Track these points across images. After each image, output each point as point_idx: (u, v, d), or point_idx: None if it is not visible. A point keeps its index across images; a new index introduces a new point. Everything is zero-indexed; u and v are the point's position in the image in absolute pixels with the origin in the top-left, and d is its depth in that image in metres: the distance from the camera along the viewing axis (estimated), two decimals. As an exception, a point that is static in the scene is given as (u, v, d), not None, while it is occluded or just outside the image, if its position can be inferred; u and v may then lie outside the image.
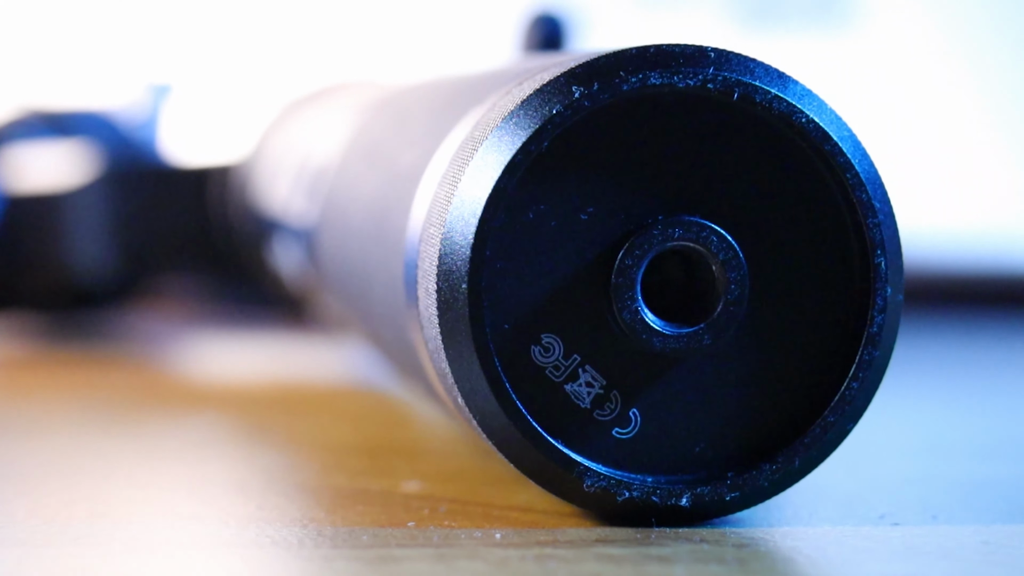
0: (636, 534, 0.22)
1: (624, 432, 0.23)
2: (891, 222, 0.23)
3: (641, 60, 0.22)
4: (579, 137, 0.22)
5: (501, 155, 0.22)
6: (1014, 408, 0.38)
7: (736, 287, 0.23)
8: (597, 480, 0.23)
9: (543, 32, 0.49)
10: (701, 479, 0.23)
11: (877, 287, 0.23)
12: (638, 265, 0.22)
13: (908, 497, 0.26)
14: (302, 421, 0.34)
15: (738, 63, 0.23)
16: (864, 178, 0.23)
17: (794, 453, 0.23)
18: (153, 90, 0.59)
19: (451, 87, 0.29)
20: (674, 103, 0.22)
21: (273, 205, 0.40)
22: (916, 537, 0.22)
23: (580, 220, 0.23)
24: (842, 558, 0.21)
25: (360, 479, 0.27)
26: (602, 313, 0.23)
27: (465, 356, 0.22)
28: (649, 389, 0.23)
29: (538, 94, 0.22)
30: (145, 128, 0.56)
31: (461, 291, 0.22)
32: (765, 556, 0.21)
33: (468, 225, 0.22)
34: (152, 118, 0.57)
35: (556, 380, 0.23)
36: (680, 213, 0.23)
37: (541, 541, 0.22)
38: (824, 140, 0.23)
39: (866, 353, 0.23)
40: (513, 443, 0.23)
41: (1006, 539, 0.22)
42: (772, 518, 0.23)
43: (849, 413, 0.23)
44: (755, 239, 0.23)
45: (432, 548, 0.21)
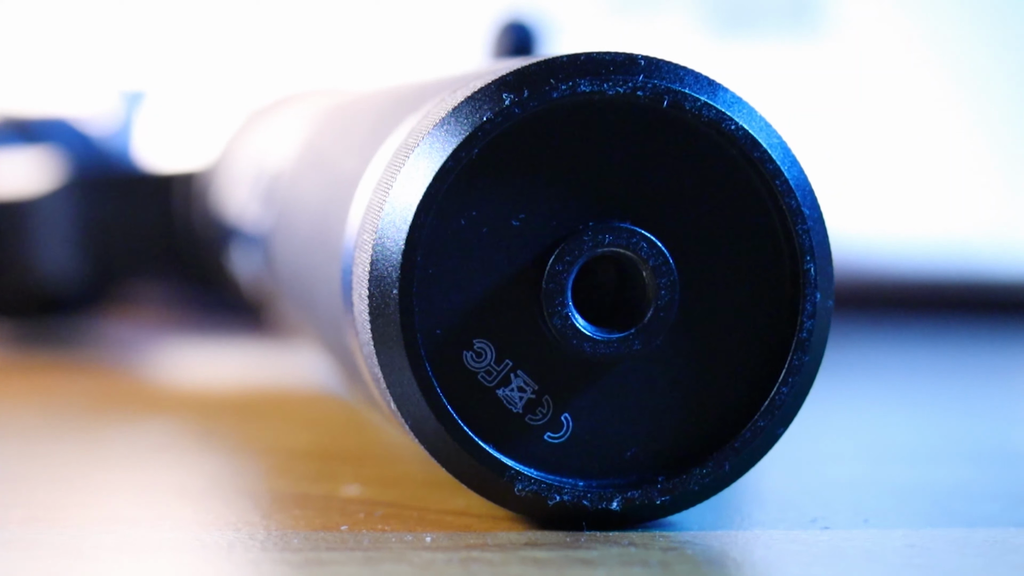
0: (566, 538, 0.22)
1: (556, 437, 0.23)
2: (821, 228, 0.23)
3: (571, 67, 0.23)
4: (510, 144, 0.23)
5: (432, 162, 0.22)
6: (958, 413, 0.38)
7: (666, 293, 0.23)
8: (528, 484, 0.23)
9: (513, 39, 0.49)
10: (632, 483, 0.23)
11: (807, 293, 0.23)
12: (568, 271, 0.23)
13: (842, 501, 0.26)
14: (255, 426, 0.34)
15: (668, 71, 0.23)
16: (793, 184, 0.23)
17: (724, 457, 0.23)
18: (126, 97, 0.59)
19: (394, 94, 0.29)
20: (604, 110, 0.23)
21: (232, 212, 0.41)
22: (844, 540, 0.22)
23: (512, 226, 0.23)
24: (767, 561, 0.22)
25: (302, 484, 0.27)
26: (533, 318, 0.23)
27: (396, 361, 0.22)
28: (581, 394, 0.23)
29: (469, 101, 0.23)
30: (117, 135, 0.56)
31: (392, 297, 0.22)
32: (691, 559, 0.21)
33: (399, 231, 0.22)
34: (125, 125, 0.58)
35: (488, 385, 0.23)
36: (611, 219, 0.23)
37: (470, 544, 0.22)
38: (753, 147, 0.23)
39: (796, 358, 0.23)
40: (445, 447, 0.23)
41: (931, 542, 0.22)
42: (705, 521, 0.24)
43: (779, 418, 0.23)
44: (686, 245, 0.23)
45: (361, 551, 0.21)
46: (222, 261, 0.43)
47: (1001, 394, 0.43)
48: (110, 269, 0.49)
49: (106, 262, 0.49)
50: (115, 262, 0.49)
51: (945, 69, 0.69)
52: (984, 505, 0.25)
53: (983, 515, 0.25)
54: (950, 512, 0.25)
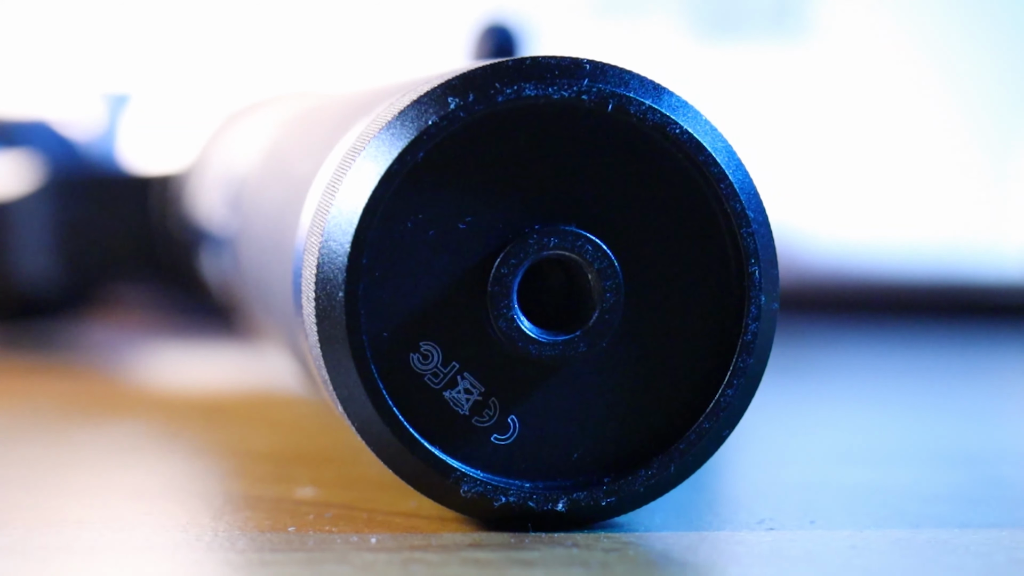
0: (511, 539, 0.22)
1: (503, 438, 0.23)
2: (765, 231, 0.23)
3: (516, 72, 0.23)
4: (456, 147, 0.23)
5: (378, 165, 0.23)
6: (922, 415, 0.38)
7: (611, 295, 0.23)
8: (474, 485, 0.23)
9: (494, 42, 0.49)
10: (578, 484, 0.23)
11: (751, 296, 0.23)
12: (514, 274, 0.23)
13: (792, 502, 0.26)
14: (221, 428, 0.34)
15: (613, 75, 0.23)
16: (738, 188, 0.23)
17: (670, 459, 0.23)
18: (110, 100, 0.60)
19: (352, 98, 0.29)
20: (549, 114, 0.23)
21: (202, 215, 0.41)
22: (788, 541, 0.23)
23: (458, 229, 0.23)
24: (709, 561, 0.22)
25: (257, 485, 0.27)
26: (480, 321, 0.23)
27: (343, 363, 0.23)
28: (527, 396, 0.23)
29: (415, 105, 0.23)
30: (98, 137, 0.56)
31: (338, 299, 0.22)
32: (632, 560, 0.21)
33: (345, 234, 0.23)
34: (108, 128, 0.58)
35: (435, 387, 0.23)
36: (556, 223, 0.23)
37: (414, 546, 0.22)
38: (698, 151, 0.23)
39: (740, 361, 0.23)
40: (391, 449, 0.23)
41: (874, 543, 0.22)
42: (653, 523, 0.24)
43: (724, 420, 0.23)
44: (631, 248, 0.23)
45: (304, 552, 0.22)
46: (195, 264, 0.44)
47: (967, 396, 0.43)
48: (87, 272, 0.49)
49: (84, 265, 0.49)
50: (93, 265, 0.49)
51: (928, 72, 0.69)
52: (934, 506, 0.26)
53: (932, 516, 0.25)
54: (900, 513, 0.25)
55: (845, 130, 0.70)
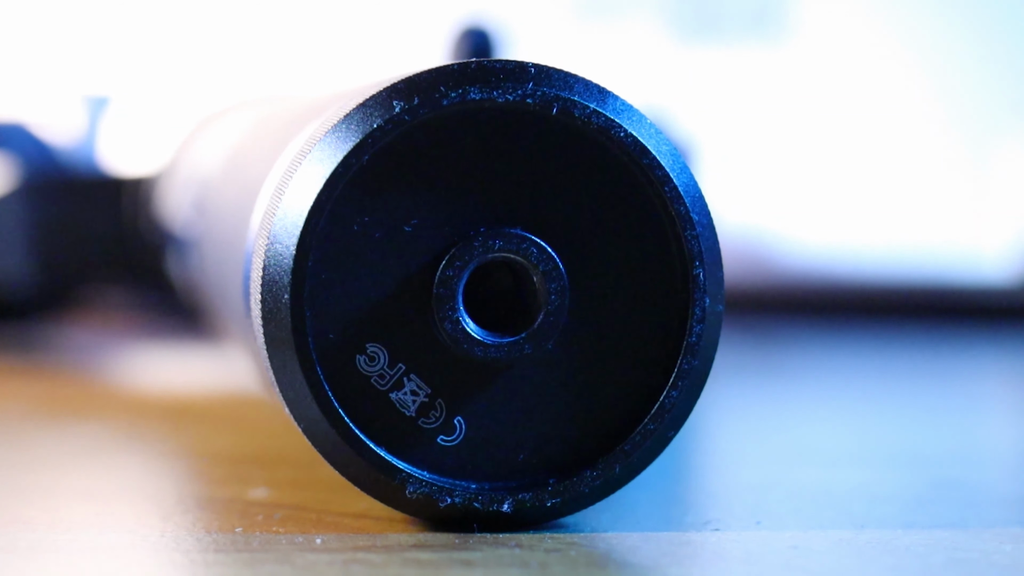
0: (455, 539, 0.23)
1: (449, 440, 0.23)
2: (710, 234, 0.23)
3: (462, 75, 0.23)
4: (401, 150, 0.23)
5: (323, 168, 0.23)
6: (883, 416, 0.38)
7: (556, 298, 0.23)
8: (419, 487, 0.23)
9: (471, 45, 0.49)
10: (524, 485, 0.23)
11: (696, 298, 0.23)
12: (459, 276, 0.23)
13: (740, 504, 0.26)
14: (184, 430, 0.34)
15: (558, 78, 0.23)
16: (682, 191, 0.23)
17: (615, 460, 0.23)
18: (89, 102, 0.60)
19: (307, 102, 0.29)
20: (495, 117, 0.23)
21: (170, 217, 0.41)
22: (731, 542, 0.23)
23: (404, 232, 0.23)
24: (648, 562, 0.22)
25: (212, 487, 0.27)
26: (426, 323, 0.23)
27: (288, 365, 0.23)
28: (473, 398, 0.23)
29: (361, 108, 0.23)
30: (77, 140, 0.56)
31: (283, 301, 0.23)
32: (572, 560, 0.21)
33: (290, 236, 0.23)
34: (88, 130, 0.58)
35: (381, 389, 0.23)
36: (502, 225, 0.23)
37: (358, 546, 0.22)
38: (642, 154, 0.23)
39: (685, 362, 0.23)
40: (337, 451, 0.23)
41: (816, 543, 0.23)
42: (600, 523, 0.24)
43: (669, 421, 0.23)
44: (577, 251, 0.23)
45: (248, 553, 0.22)
46: (164, 267, 0.44)
47: (934, 397, 0.44)
48: (61, 274, 0.49)
49: (58, 267, 0.49)
50: (67, 267, 0.50)
51: (907, 75, 0.70)
52: (882, 507, 0.26)
53: (878, 517, 0.25)
54: (847, 514, 0.25)
55: (824, 132, 0.70)
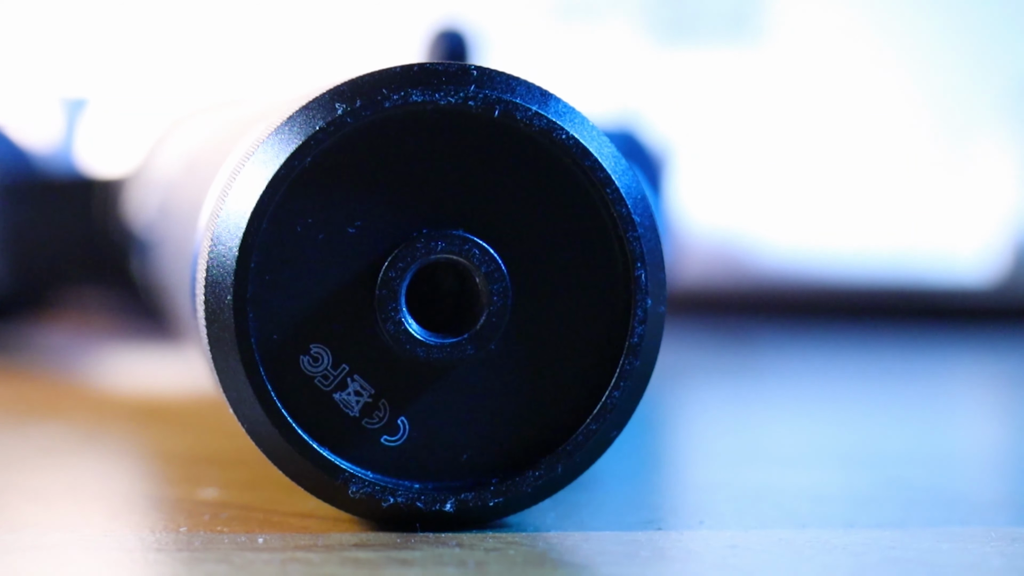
0: (397, 539, 0.23)
1: (393, 440, 0.23)
2: (652, 235, 0.24)
3: (404, 78, 0.23)
4: (344, 152, 0.23)
5: (265, 170, 0.23)
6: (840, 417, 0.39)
7: (498, 299, 0.23)
8: (362, 486, 0.23)
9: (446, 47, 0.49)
10: (466, 485, 0.23)
11: (638, 299, 0.23)
12: (401, 277, 0.23)
13: (687, 503, 0.26)
14: (145, 430, 0.35)
15: (500, 81, 0.23)
16: (624, 192, 0.23)
17: (557, 460, 0.23)
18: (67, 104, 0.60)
19: (263, 105, 0.29)
20: (437, 120, 0.23)
21: (137, 219, 0.41)
22: (670, 541, 0.23)
23: (347, 233, 0.23)
24: (585, 561, 0.22)
25: (163, 487, 0.27)
26: (369, 324, 0.23)
27: (231, 366, 0.23)
28: (417, 398, 0.23)
29: (303, 111, 0.23)
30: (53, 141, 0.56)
31: (226, 303, 0.23)
32: (510, 559, 0.22)
33: (233, 238, 0.23)
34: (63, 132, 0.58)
35: (325, 389, 0.23)
36: (444, 227, 0.23)
37: (299, 546, 0.22)
38: (584, 156, 0.23)
39: (627, 363, 0.24)
40: (280, 451, 0.23)
41: (756, 543, 0.23)
42: (544, 523, 0.24)
43: (611, 421, 0.24)
44: (519, 252, 0.23)
45: (188, 552, 0.22)
46: (132, 268, 0.44)
47: (897, 398, 0.44)
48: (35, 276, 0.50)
49: (31, 269, 0.49)
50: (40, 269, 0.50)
51: (882, 76, 0.70)
52: (827, 507, 0.26)
53: (821, 517, 0.25)
54: (790, 514, 0.25)
55: (800, 135, 0.70)
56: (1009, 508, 0.27)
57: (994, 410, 0.45)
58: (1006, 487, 0.30)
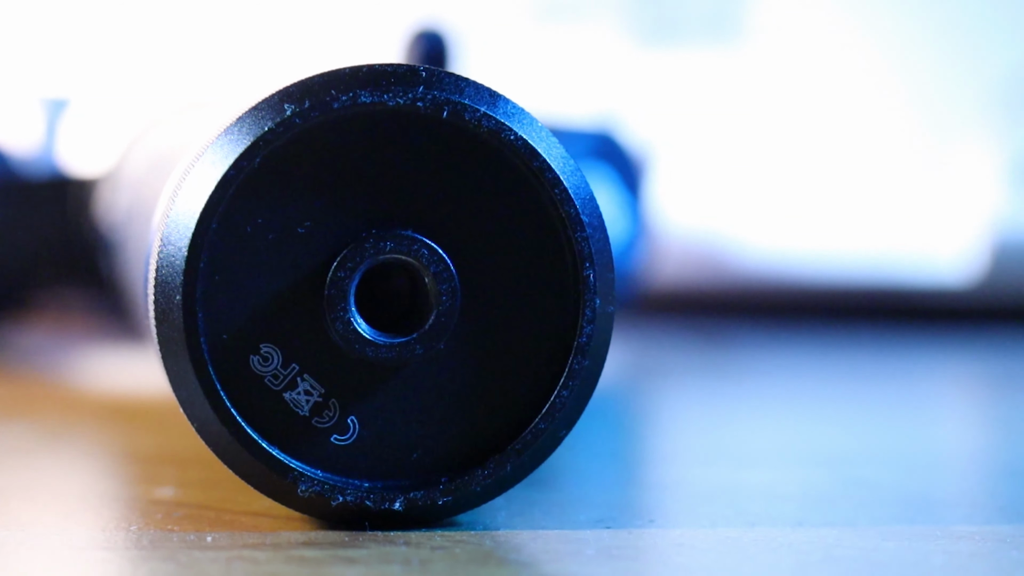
0: (345, 537, 0.23)
1: (342, 439, 0.24)
2: (601, 235, 0.24)
3: (353, 79, 0.23)
4: (293, 153, 0.23)
5: (214, 170, 0.23)
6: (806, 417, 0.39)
7: (447, 299, 0.23)
8: (311, 485, 0.23)
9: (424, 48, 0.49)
10: (415, 484, 0.24)
11: (586, 299, 0.24)
12: (350, 277, 0.23)
13: (639, 502, 0.26)
14: (112, 429, 0.35)
15: (449, 82, 0.23)
16: (572, 193, 0.24)
17: (506, 459, 0.24)
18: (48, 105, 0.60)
19: (224, 106, 0.29)
20: (385, 121, 0.23)
21: (107, 220, 0.41)
22: (617, 539, 0.23)
23: (297, 234, 0.23)
24: (530, 559, 0.22)
25: (121, 486, 0.28)
26: (319, 324, 0.23)
27: (181, 365, 0.23)
28: (367, 397, 0.24)
29: (252, 112, 0.23)
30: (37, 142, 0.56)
31: (175, 302, 0.23)
32: (456, 557, 0.22)
33: (182, 238, 0.23)
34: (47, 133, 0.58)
35: (275, 388, 0.23)
36: (394, 227, 0.23)
37: (247, 544, 0.22)
38: (533, 156, 0.23)
39: (576, 363, 0.24)
40: (230, 450, 0.23)
41: (702, 541, 0.23)
42: (495, 522, 0.24)
43: (560, 420, 0.24)
44: (468, 252, 0.24)
45: (136, 550, 0.22)
46: (102, 269, 0.44)
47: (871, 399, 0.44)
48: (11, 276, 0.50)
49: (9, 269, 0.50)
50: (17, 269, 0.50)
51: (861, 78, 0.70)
52: (779, 506, 0.26)
53: (772, 515, 0.25)
54: (743, 513, 0.25)
55: (780, 135, 0.70)
56: (963, 507, 0.27)
57: (968, 410, 0.45)
58: (964, 486, 0.30)
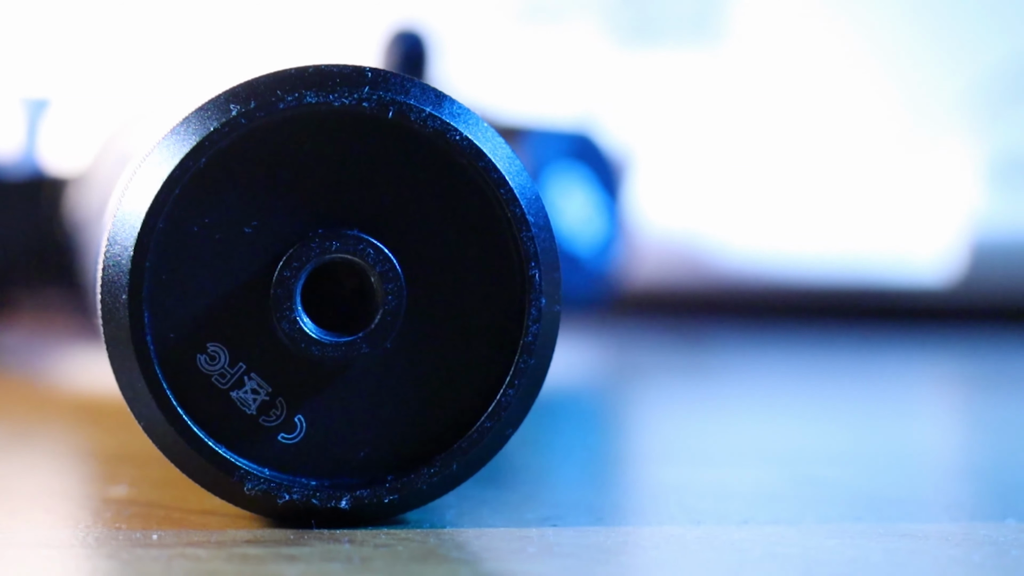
0: (290, 535, 0.23)
1: (290, 437, 0.24)
2: (546, 235, 0.24)
3: (298, 79, 0.23)
4: (239, 153, 0.23)
5: (160, 170, 0.23)
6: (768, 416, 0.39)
7: (393, 298, 0.23)
8: (258, 483, 0.23)
9: (404, 49, 0.49)
10: (362, 483, 0.24)
11: (532, 298, 0.24)
12: (296, 276, 0.23)
13: (588, 501, 0.26)
14: (78, 429, 0.35)
15: (395, 83, 0.24)
16: (518, 193, 0.24)
17: (452, 458, 0.24)
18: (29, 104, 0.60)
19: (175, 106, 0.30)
20: (331, 121, 0.23)
21: (78, 218, 0.41)
22: (562, 537, 0.23)
23: (244, 233, 0.23)
24: (471, 557, 0.22)
25: (75, 483, 0.28)
26: (265, 323, 0.23)
27: (127, 364, 0.23)
28: (314, 396, 0.24)
29: (199, 112, 0.23)
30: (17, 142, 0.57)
31: (121, 302, 0.23)
32: (398, 555, 0.22)
33: (128, 237, 0.23)
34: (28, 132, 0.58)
35: (222, 387, 0.24)
36: (340, 227, 0.23)
37: (191, 542, 0.22)
38: (478, 156, 0.24)
39: (522, 361, 0.24)
40: (176, 448, 0.23)
41: (647, 539, 0.23)
42: (443, 520, 0.24)
43: (506, 419, 0.24)
44: (415, 252, 0.24)
45: (81, 548, 0.22)
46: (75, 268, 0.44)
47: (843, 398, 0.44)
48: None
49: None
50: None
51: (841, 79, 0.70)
52: (727, 504, 0.26)
53: (719, 513, 0.25)
54: (691, 511, 0.26)
55: (760, 136, 0.70)
56: (911, 505, 0.27)
57: (939, 410, 0.45)
58: (916, 485, 0.30)
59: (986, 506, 0.27)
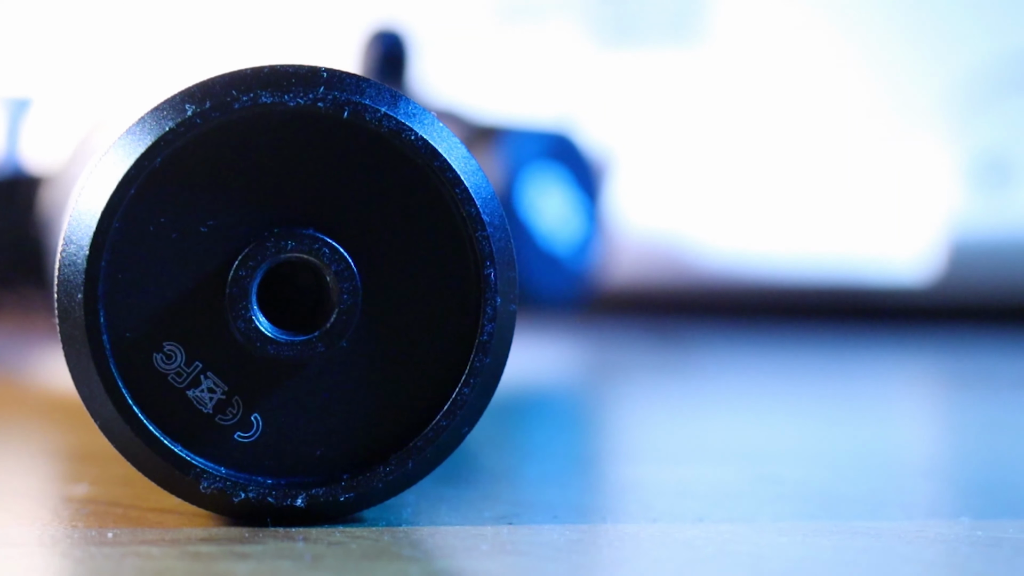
0: (245, 533, 0.23)
1: (246, 436, 0.24)
2: (502, 235, 0.24)
3: (254, 80, 0.23)
4: (195, 153, 0.23)
5: (116, 169, 0.23)
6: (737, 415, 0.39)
7: (348, 297, 0.24)
8: (214, 482, 0.23)
9: (383, 49, 0.50)
10: (318, 481, 0.24)
11: (487, 297, 0.24)
12: (252, 276, 0.23)
13: (546, 499, 0.27)
14: (48, 428, 0.35)
15: (350, 83, 0.24)
16: (473, 192, 0.24)
17: (407, 456, 0.24)
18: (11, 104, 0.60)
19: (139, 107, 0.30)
20: (286, 121, 0.23)
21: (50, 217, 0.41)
22: (515, 535, 0.23)
23: (200, 233, 0.24)
24: (422, 555, 0.22)
25: (37, 482, 0.28)
26: (221, 322, 0.24)
27: (83, 363, 0.23)
28: (270, 395, 0.24)
29: (154, 112, 0.23)
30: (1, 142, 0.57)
31: (77, 301, 0.23)
32: (351, 553, 0.22)
33: (84, 237, 0.23)
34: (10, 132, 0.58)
35: (178, 386, 0.24)
36: (296, 226, 0.24)
37: (146, 540, 0.23)
38: (433, 156, 0.24)
39: (477, 360, 0.24)
40: (132, 447, 0.23)
41: (600, 537, 0.23)
42: (400, 518, 0.24)
43: (462, 417, 0.24)
44: (370, 251, 0.24)
45: (36, 547, 0.22)
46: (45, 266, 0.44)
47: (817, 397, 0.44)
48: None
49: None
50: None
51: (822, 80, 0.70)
52: (685, 502, 0.26)
53: (677, 511, 0.25)
54: (648, 509, 0.26)
55: (740, 136, 0.71)
56: (868, 504, 0.27)
57: (913, 409, 0.45)
58: (876, 484, 0.30)
59: (944, 504, 0.27)
